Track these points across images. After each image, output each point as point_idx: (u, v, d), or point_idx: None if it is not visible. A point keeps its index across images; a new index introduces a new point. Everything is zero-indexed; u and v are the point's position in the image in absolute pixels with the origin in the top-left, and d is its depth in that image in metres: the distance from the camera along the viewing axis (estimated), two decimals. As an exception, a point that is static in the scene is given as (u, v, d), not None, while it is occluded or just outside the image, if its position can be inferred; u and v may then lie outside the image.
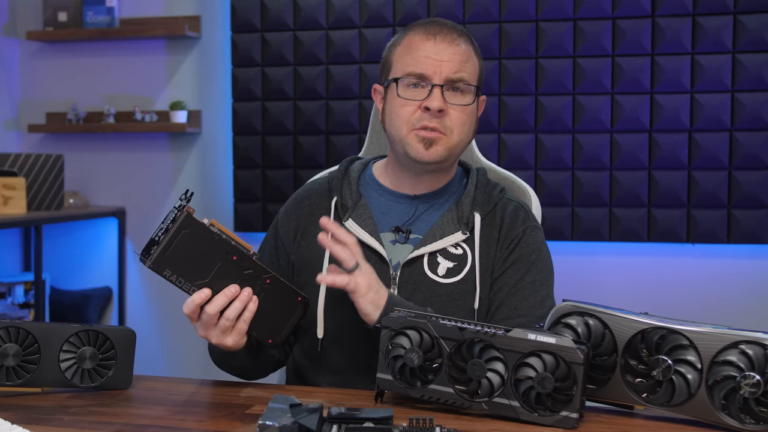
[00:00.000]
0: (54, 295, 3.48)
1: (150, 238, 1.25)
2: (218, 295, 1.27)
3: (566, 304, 1.24)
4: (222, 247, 1.27)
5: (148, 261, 1.24)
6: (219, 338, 1.30)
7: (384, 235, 1.49)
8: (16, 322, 1.30)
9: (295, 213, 1.57)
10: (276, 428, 1.02)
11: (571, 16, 3.03)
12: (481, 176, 1.56)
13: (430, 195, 1.53)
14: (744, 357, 1.12)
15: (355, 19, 3.19)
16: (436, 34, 1.45)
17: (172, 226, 1.24)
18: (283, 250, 1.55)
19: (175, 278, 1.26)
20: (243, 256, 1.28)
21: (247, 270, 1.29)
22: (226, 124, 3.40)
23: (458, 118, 1.45)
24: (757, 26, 2.89)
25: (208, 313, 1.27)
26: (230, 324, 1.28)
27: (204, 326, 1.30)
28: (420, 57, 1.44)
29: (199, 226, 1.26)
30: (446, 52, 1.44)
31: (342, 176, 1.56)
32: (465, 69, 1.45)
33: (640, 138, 3.00)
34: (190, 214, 1.25)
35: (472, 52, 1.48)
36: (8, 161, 3.07)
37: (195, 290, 1.27)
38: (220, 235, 1.27)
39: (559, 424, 1.16)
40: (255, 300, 1.29)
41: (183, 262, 1.25)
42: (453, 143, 1.45)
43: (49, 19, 3.49)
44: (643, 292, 3.05)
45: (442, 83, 1.43)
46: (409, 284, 1.45)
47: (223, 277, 1.27)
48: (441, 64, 1.43)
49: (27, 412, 1.23)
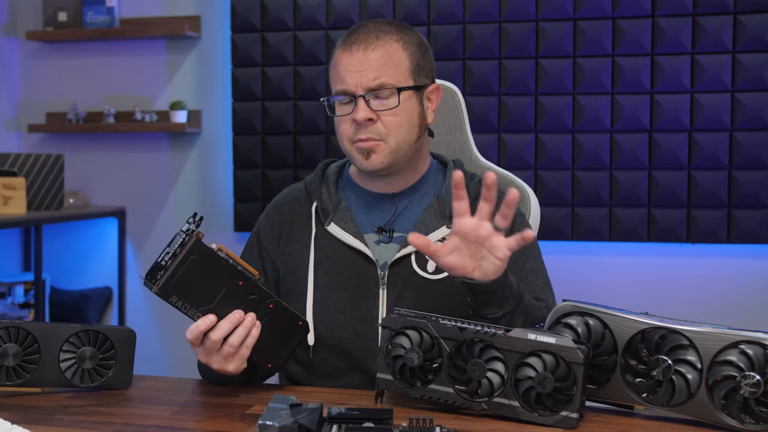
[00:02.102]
0: (54, 295, 3.48)
1: (155, 261, 1.22)
2: (222, 322, 1.25)
3: (566, 304, 1.24)
4: (229, 272, 1.25)
5: (154, 287, 1.22)
6: (221, 364, 1.28)
7: (367, 236, 1.49)
8: (16, 322, 1.30)
9: (277, 220, 1.56)
10: (276, 428, 1.02)
11: (571, 16, 3.03)
12: (458, 168, 1.56)
13: (407, 191, 1.53)
14: (744, 357, 1.12)
15: (354, 19, 3.19)
16: (352, 45, 1.45)
17: (180, 251, 1.21)
18: (268, 258, 1.55)
19: (181, 304, 1.23)
20: (249, 281, 1.26)
21: (252, 295, 1.27)
22: (226, 124, 3.40)
23: (391, 122, 1.44)
24: (757, 26, 2.89)
25: (212, 339, 1.25)
26: (233, 350, 1.26)
27: (206, 352, 1.28)
28: (341, 72, 1.45)
29: (208, 252, 1.23)
30: (363, 61, 1.43)
31: (319, 180, 1.56)
32: (385, 72, 1.43)
33: (640, 138, 3.00)
34: (199, 239, 1.22)
35: (396, 50, 1.45)
36: (8, 161, 3.07)
37: (200, 316, 1.24)
38: (228, 260, 1.24)
39: (559, 424, 1.16)
40: (258, 325, 1.27)
41: (190, 287, 1.23)
42: (393, 147, 1.45)
43: (49, 19, 3.49)
44: (643, 292, 3.05)
45: (364, 93, 1.43)
46: (398, 283, 1.45)
47: (228, 302, 1.25)
48: (360, 74, 1.43)
49: (27, 412, 1.23)
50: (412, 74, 1.47)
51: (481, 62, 3.08)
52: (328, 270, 1.48)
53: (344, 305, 1.46)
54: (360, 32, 1.46)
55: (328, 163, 1.61)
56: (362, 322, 1.45)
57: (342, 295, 1.46)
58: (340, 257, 1.48)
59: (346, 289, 1.46)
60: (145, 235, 3.53)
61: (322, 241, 1.50)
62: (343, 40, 1.47)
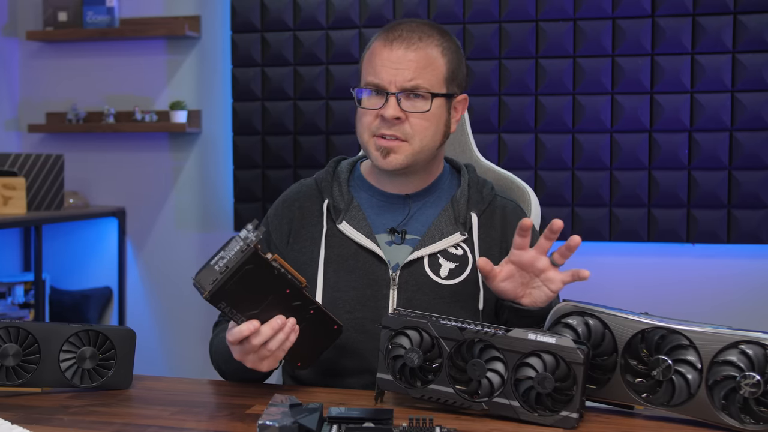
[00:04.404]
0: (54, 295, 3.48)
1: (207, 263, 1.22)
2: (265, 327, 1.25)
3: (566, 304, 1.24)
4: (279, 281, 1.25)
5: (206, 293, 1.21)
6: (255, 364, 1.29)
7: (379, 237, 1.49)
8: (16, 322, 1.30)
9: (286, 216, 1.56)
10: (276, 428, 1.02)
11: (571, 16, 3.03)
12: (472, 174, 1.57)
13: (420, 193, 1.53)
14: (744, 357, 1.12)
15: (355, 19, 3.19)
16: (393, 41, 1.44)
17: (236, 259, 1.21)
18: (276, 252, 1.54)
19: (228, 309, 1.24)
20: (296, 289, 1.27)
21: (296, 302, 1.28)
22: (226, 124, 3.40)
23: (418, 125, 1.44)
24: (757, 26, 2.89)
25: (252, 344, 1.25)
26: (270, 354, 1.27)
27: (243, 352, 1.28)
28: (377, 66, 1.44)
29: (264, 262, 1.23)
30: (402, 60, 1.43)
31: (331, 177, 1.55)
32: (422, 75, 1.43)
33: (640, 138, 3.00)
34: (257, 251, 1.22)
35: (436, 55, 1.45)
36: (8, 161, 3.07)
37: (244, 320, 1.25)
38: (280, 269, 1.25)
39: (559, 424, 1.16)
40: (297, 330, 1.28)
41: (240, 295, 1.23)
42: (415, 149, 1.45)
43: (49, 19, 3.49)
44: (643, 292, 3.05)
45: (397, 92, 1.42)
46: (409, 285, 1.45)
47: (273, 308, 1.26)
48: (396, 72, 1.42)
49: (27, 412, 1.23)
50: (446, 82, 1.47)
51: (481, 62, 3.08)
52: (338, 269, 1.48)
53: (353, 305, 1.46)
54: (402, 30, 1.45)
55: (339, 160, 1.61)
56: (371, 323, 1.44)
57: (352, 294, 1.46)
58: (351, 256, 1.47)
59: (356, 288, 1.46)
60: (145, 235, 3.53)
61: (333, 240, 1.49)
62: (385, 35, 1.46)
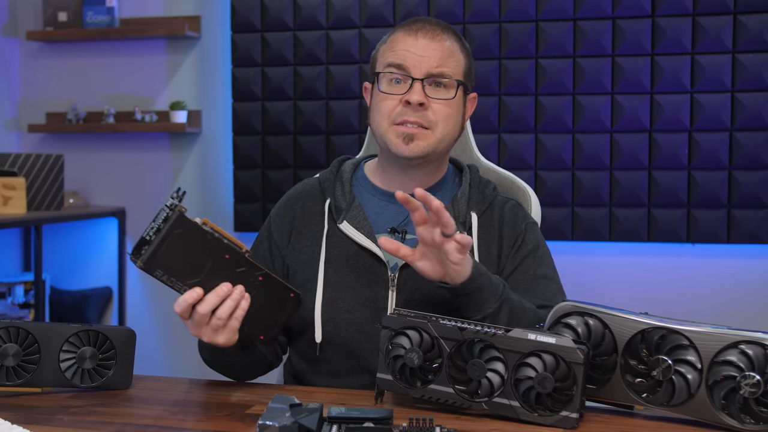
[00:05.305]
0: (54, 295, 3.48)
1: (140, 236, 1.23)
2: (210, 294, 1.26)
3: (566, 304, 1.24)
4: (214, 245, 1.25)
5: (138, 261, 1.23)
6: (210, 336, 1.29)
7: (379, 237, 1.49)
8: (16, 322, 1.30)
9: (288, 215, 1.56)
10: (276, 428, 1.02)
11: (571, 16, 3.03)
12: (474, 174, 1.56)
13: None
14: (744, 357, 1.12)
15: (355, 19, 3.19)
16: (418, 30, 1.45)
17: (163, 225, 1.22)
18: (277, 252, 1.54)
19: (167, 278, 1.24)
20: (235, 254, 1.27)
21: (240, 268, 1.28)
22: (226, 124, 3.40)
23: (442, 112, 1.44)
24: (757, 26, 2.89)
25: (199, 312, 1.26)
26: (222, 323, 1.27)
27: (196, 325, 1.29)
28: (401, 51, 1.45)
29: (192, 226, 1.24)
30: (427, 48, 1.44)
31: (334, 177, 1.55)
32: (447, 64, 1.45)
33: (640, 138, 3.00)
34: (182, 213, 1.23)
35: (457, 49, 1.48)
36: (8, 161, 3.07)
37: (186, 289, 1.26)
38: (213, 233, 1.25)
39: (559, 424, 1.16)
40: (247, 298, 1.28)
41: (175, 261, 1.24)
42: (437, 137, 1.45)
43: (49, 19, 3.49)
44: (643, 292, 3.05)
45: (423, 77, 1.43)
46: (408, 286, 1.45)
47: (216, 275, 1.26)
48: (422, 59, 1.43)
49: (27, 412, 1.23)
50: (464, 76, 1.49)
51: (481, 62, 3.08)
52: (338, 268, 1.47)
53: (353, 305, 1.45)
54: (425, 23, 1.47)
55: (343, 159, 1.60)
56: (370, 323, 1.44)
57: (351, 294, 1.46)
58: (351, 256, 1.47)
59: (356, 288, 1.46)
60: (145, 235, 3.52)
61: (334, 239, 1.49)
62: (407, 27, 1.47)
